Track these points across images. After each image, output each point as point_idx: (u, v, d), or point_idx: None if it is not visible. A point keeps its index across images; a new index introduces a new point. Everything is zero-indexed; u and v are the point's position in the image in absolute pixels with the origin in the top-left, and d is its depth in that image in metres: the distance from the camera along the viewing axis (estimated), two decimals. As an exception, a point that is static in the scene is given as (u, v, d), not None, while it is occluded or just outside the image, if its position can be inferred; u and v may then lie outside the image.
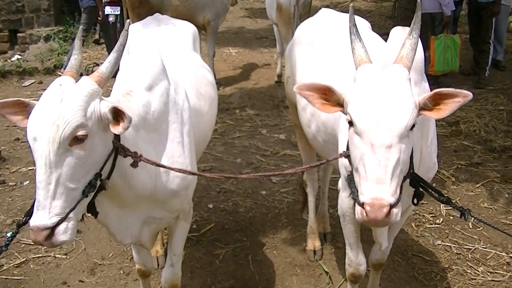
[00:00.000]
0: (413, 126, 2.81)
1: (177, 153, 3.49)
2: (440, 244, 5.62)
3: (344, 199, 3.89)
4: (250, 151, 7.78)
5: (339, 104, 3.03)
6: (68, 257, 5.41)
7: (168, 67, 3.71)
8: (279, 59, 10.87)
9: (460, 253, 5.48)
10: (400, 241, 5.56)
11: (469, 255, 5.45)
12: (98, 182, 2.90)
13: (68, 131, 2.67)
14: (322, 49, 4.49)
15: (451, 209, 5.88)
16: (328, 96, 3.05)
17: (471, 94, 2.85)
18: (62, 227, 2.72)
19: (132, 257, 4.75)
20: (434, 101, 2.91)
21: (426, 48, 9.08)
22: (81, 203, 2.83)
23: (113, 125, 2.87)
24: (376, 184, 2.71)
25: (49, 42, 12.78)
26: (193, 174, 3.52)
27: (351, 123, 2.85)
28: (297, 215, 6.18)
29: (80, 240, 5.61)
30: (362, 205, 2.72)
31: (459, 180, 6.81)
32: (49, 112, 2.68)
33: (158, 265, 5.31)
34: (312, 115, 4.32)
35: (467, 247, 5.58)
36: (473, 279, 5.13)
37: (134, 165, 3.10)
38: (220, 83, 10.62)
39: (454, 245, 5.60)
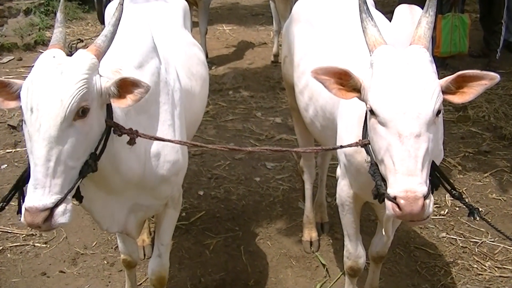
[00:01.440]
0: (439, 111, 2.79)
1: (167, 136, 3.49)
2: (444, 237, 5.64)
3: (343, 187, 3.90)
4: (244, 135, 7.79)
5: (356, 89, 2.99)
6: (48, 246, 5.42)
7: (158, 45, 3.70)
8: (276, 37, 10.86)
9: (466, 247, 5.50)
10: (402, 232, 5.58)
11: (476, 249, 5.47)
12: (93, 163, 2.89)
13: (74, 104, 2.68)
14: (322, 27, 4.48)
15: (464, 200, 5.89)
16: (344, 81, 2.99)
17: (498, 76, 2.82)
18: (61, 208, 2.71)
19: (117, 247, 4.76)
20: (457, 84, 2.87)
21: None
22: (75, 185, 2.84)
23: (118, 100, 2.89)
24: (408, 177, 2.67)
25: (30, 16, 12.68)
26: (195, 145, 3.48)
27: (372, 112, 2.82)
28: (293, 204, 6.20)
29: (61, 227, 5.60)
30: (394, 199, 2.68)
31: (466, 169, 6.82)
32: (50, 85, 2.67)
33: (144, 255, 5.32)
34: (310, 98, 4.32)
35: (474, 240, 5.60)
36: (479, 274, 5.15)
37: (131, 142, 3.11)
38: (213, 62, 10.60)
39: (460, 238, 5.62)
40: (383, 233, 3.58)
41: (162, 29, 4.46)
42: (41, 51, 10.49)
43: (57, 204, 2.69)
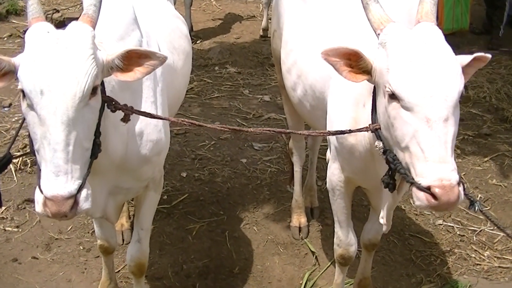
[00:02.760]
0: (462, 93, 2.78)
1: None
2: (441, 224, 5.68)
3: (334, 171, 3.90)
4: (230, 113, 7.78)
5: (366, 71, 2.97)
6: (20, 230, 5.40)
7: (139, 17, 3.68)
8: (265, 10, 10.82)
9: (463, 235, 5.54)
10: (396, 219, 5.60)
11: (474, 238, 5.51)
12: (100, 142, 2.91)
13: (90, 82, 2.69)
14: (315, 3, 4.45)
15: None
16: (353, 62, 2.96)
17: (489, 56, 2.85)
18: (84, 193, 2.72)
19: (94, 231, 4.75)
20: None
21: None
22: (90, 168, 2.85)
23: (123, 73, 2.92)
24: (440, 164, 2.67)
25: (1, -17, 12.59)
26: (194, 124, 3.41)
27: (393, 96, 2.79)
28: (281, 187, 6.22)
29: (34, 211, 5.56)
30: (428, 189, 2.67)
31: (465, 152, 6.85)
32: (60, 63, 2.65)
33: (123, 240, 5.33)
34: (299, 76, 4.30)
35: (472, 228, 5.64)
36: (477, 264, 5.19)
37: (126, 119, 3.10)
38: (198, 36, 10.56)
39: (457, 226, 5.65)
40: (383, 222, 3.58)
41: (143, 0, 4.44)
42: (14, 21, 10.49)
43: (79, 190, 2.69)
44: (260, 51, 10.00)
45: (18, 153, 5.98)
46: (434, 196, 2.65)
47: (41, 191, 2.67)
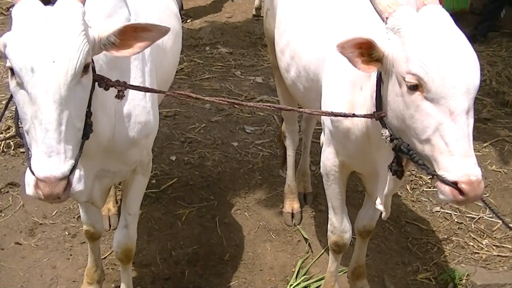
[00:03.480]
0: None
1: (138, 95, 3.48)
2: (438, 211, 5.69)
3: (328, 155, 3.90)
4: (221, 95, 7.73)
5: (378, 60, 2.94)
6: (3, 215, 5.40)
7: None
8: (258, -12, 10.79)
9: (461, 223, 5.56)
10: (392, 206, 5.49)
11: (472, 225, 5.53)
12: (91, 122, 2.91)
13: (82, 59, 2.68)
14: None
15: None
16: (364, 50, 2.93)
17: None
18: (77, 174, 2.73)
19: (79, 216, 4.75)
20: None
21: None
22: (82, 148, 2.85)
23: (119, 49, 2.92)
24: (465, 159, 2.69)
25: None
26: (190, 97, 3.37)
27: (413, 87, 2.76)
28: (273, 172, 6.22)
29: (18, 195, 5.59)
30: (455, 184, 2.69)
31: (463, 137, 6.84)
32: (50, 40, 2.64)
33: (110, 226, 5.33)
34: (292, 58, 4.29)
35: (470, 215, 5.66)
36: (475, 253, 5.21)
37: (120, 95, 3.10)
38: (188, 15, 10.50)
39: (455, 213, 5.67)
40: (382, 208, 3.58)
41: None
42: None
43: (71, 171, 2.69)
44: (252, 31, 9.96)
45: (1, 135, 5.98)
46: (460, 191, 2.67)
47: (33, 173, 2.67)
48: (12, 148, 6.08)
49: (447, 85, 2.67)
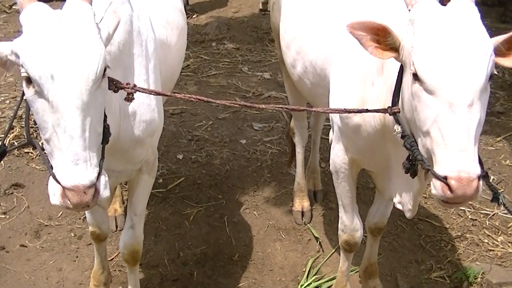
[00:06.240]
0: (491, 76, 2.73)
1: (143, 94, 3.47)
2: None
3: (337, 152, 3.89)
4: (229, 91, 7.76)
5: (393, 48, 2.93)
6: (8, 216, 5.40)
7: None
8: (265, -18, 10.77)
9: (475, 219, 5.53)
10: (404, 202, 5.58)
11: (487, 222, 5.50)
12: (108, 126, 2.92)
13: (102, 63, 2.69)
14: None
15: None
16: (381, 38, 2.92)
17: None
18: (102, 180, 2.73)
19: (85, 218, 4.75)
20: (509, 45, 2.82)
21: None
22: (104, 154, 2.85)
23: None
24: (460, 153, 2.62)
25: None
26: (200, 100, 3.36)
27: (416, 77, 2.75)
28: (282, 169, 6.21)
29: (23, 196, 5.60)
30: (445, 179, 2.64)
31: (476, 131, 6.81)
32: (66, 44, 2.63)
33: (116, 227, 5.35)
34: (298, 53, 4.28)
35: (485, 212, 5.62)
36: (490, 250, 5.18)
37: (129, 98, 3.10)
38: (194, 10, 10.51)
39: (469, 210, 5.64)
40: (401, 207, 3.55)
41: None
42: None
43: (97, 177, 2.69)
44: (259, 25, 9.95)
45: (15, 144, 6.00)
46: (451, 187, 2.62)
47: (58, 182, 2.65)
48: (16, 149, 6.08)
49: (446, 76, 2.64)
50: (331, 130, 3.97)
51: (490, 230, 5.39)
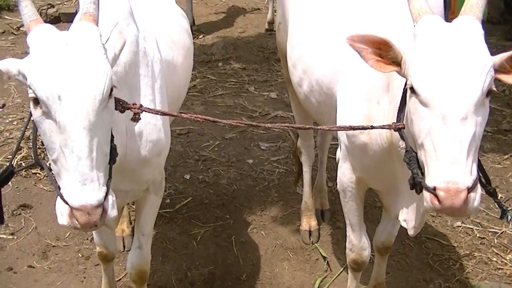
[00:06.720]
0: (490, 92, 2.74)
1: (149, 114, 3.48)
2: (460, 226, 5.65)
3: (344, 171, 3.89)
4: (235, 111, 7.77)
5: (396, 62, 2.94)
6: (15, 237, 5.40)
7: (135, 10, 3.67)
8: (270, 2, 10.79)
9: (484, 237, 5.51)
10: (412, 221, 5.57)
11: (495, 240, 5.48)
12: (115, 146, 2.93)
13: (108, 83, 2.71)
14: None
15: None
16: (383, 52, 2.94)
17: None
18: (110, 200, 2.74)
19: (93, 238, 4.75)
20: None
21: (447, -10, 9.02)
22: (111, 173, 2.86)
23: None
24: (450, 165, 2.62)
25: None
26: (207, 120, 3.36)
27: (413, 90, 2.77)
28: (289, 189, 6.20)
29: (30, 217, 5.61)
30: (433, 190, 2.65)
31: (483, 149, 6.81)
32: (72, 65, 2.65)
33: (124, 247, 5.34)
34: (304, 72, 4.29)
35: (493, 230, 5.61)
36: (499, 268, 5.16)
37: (136, 118, 3.11)
38: (200, 30, 10.56)
39: (477, 228, 5.63)
40: (405, 225, 3.55)
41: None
42: (6, 17, 10.52)
43: (105, 197, 2.70)
44: (265, 45, 9.99)
45: (22, 165, 6.00)
46: (439, 198, 2.63)
47: (66, 202, 2.66)
48: (24, 169, 6.09)
49: (439, 89, 2.65)
50: (338, 149, 3.97)
51: (498, 248, 5.37)
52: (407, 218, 3.52)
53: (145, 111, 3.14)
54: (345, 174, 3.88)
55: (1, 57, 2.89)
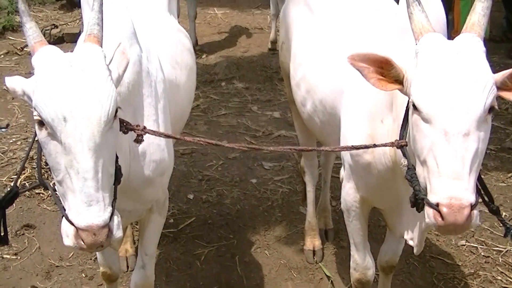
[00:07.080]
0: (492, 108, 2.74)
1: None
2: (464, 245, 5.63)
3: (348, 190, 3.88)
4: (238, 131, 7.78)
5: (398, 81, 2.95)
6: (19, 257, 5.39)
7: (138, 31, 3.68)
8: (273, 22, 10.82)
9: (488, 256, 5.49)
10: (416, 240, 5.56)
11: (500, 259, 5.46)
12: (120, 166, 2.95)
13: (114, 104, 2.72)
14: (322, 13, 4.44)
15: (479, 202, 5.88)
16: (385, 71, 2.95)
17: None
18: (115, 220, 2.75)
19: (96, 258, 4.74)
20: None
21: (449, 10, 9.04)
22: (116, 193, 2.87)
23: None
24: (453, 181, 2.62)
25: (-4, -1, 12.65)
26: (210, 144, 3.39)
27: (415, 107, 2.77)
28: (293, 208, 6.20)
29: (34, 237, 5.60)
30: (436, 206, 2.64)
31: (487, 168, 6.80)
32: (78, 87, 2.66)
33: (127, 267, 5.32)
34: (308, 91, 4.30)
35: (497, 249, 5.59)
36: (504, 287, 5.14)
37: (139, 140, 3.12)
38: (203, 50, 10.58)
39: (482, 246, 5.61)
40: (411, 243, 3.55)
41: (143, 13, 4.44)
42: (10, 38, 10.54)
43: (110, 218, 2.71)
44: (268, 65, 10.00)
45: (26, 184, 6.01)
46: (442, 215, 2.62)
47: (71, 223, 2.67)
48: (28, 190, 6.09)
49: (441, 105, 2.65)
50: (341, 168, 3.97)
51: (503, 267, 5.35)
52: (413, 236, 3.52)
53: (149, 133, 3.15)
54: (349, 193, 3.87)
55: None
